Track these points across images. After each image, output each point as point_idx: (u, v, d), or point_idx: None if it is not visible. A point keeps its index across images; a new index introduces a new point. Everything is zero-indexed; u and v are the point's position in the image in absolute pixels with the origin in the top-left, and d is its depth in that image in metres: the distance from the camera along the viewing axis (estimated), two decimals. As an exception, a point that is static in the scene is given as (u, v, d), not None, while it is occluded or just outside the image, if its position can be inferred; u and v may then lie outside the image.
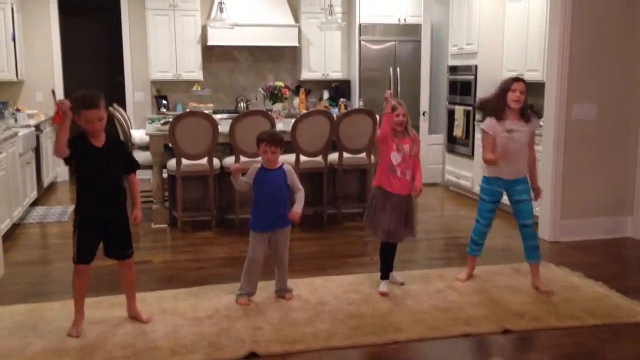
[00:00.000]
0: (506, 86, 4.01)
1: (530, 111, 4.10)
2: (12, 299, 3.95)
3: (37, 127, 6.96)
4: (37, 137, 6.90)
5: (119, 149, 3.48)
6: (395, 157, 3.95)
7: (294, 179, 3.85)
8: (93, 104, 3.22)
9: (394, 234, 3.99)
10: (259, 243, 3.84)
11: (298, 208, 3.81)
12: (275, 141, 3.77)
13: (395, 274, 4.19)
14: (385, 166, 3.99)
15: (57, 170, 8.12)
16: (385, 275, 4.10)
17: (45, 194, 7.29)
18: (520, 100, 3.96)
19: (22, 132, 6.12)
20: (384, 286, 4.05)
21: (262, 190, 3.79)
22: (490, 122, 4.03)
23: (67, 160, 3.33)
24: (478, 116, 6.99)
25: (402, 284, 4.14)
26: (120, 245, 3.48)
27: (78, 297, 3.42)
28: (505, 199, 4.17)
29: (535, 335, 3.48)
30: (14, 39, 7.21)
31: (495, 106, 4.01)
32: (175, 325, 3.51)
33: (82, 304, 3.44)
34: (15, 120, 6.71)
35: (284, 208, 3.84)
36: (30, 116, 7.10)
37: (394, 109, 3.93)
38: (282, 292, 3.96)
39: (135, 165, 3.55)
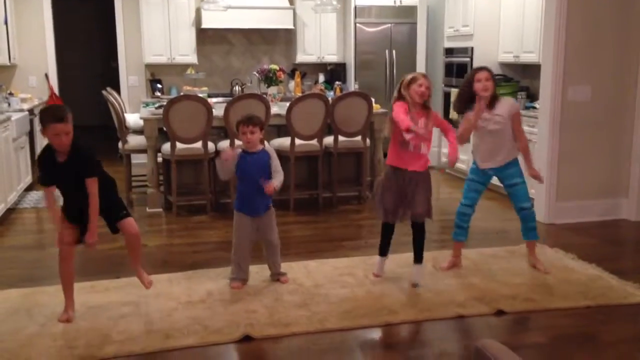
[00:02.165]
0: (470, 78, 3.92)
1: (497, 94, 3.97)
2: (7, 283, 3.95)
3: (31, 112, 6.91)
4: (31, 122, 6.85)
5: (80, 161, 3.28)
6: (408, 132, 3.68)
7: (277, 162, 3.82)
8: (61, 117, 3.14)
9: (394, 213, 3.85)
10: (244, 227, 3.82)
11: (275, 182, 3.76)
12: (252, 121, 3.74)
13: (416, 271, 3.93)
14: (396, 142, 3.77)
15: (52, 155, 8.09)
16: (383, 252, 4.04)
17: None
18: (488, 87, 3.86)
19: (15, 116, 6.09)
20: (377, 267, 4.03)
21: (246, 174, 3.75)
22: (467, 114, 3.99)
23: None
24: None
25: (415, 285, 3.86)
26: (114, 214, 3.44)
27: (65, 283, 3.40)
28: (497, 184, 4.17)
29: (528, 317, 3.50)
30: (6, 23, 7.14)
31: (467, 100, 3.96)
32: (169, 309, 3.51)
33: (70, 290, 3.42)
34: (9, 104, 6.66)
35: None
36: (24, 100, 7.06)
37: (415, 79, 3.67)
38: (277, 276, 3.96)
39: (92, 172, 3.30)
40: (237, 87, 8.23)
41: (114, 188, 3.52)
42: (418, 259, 3.95)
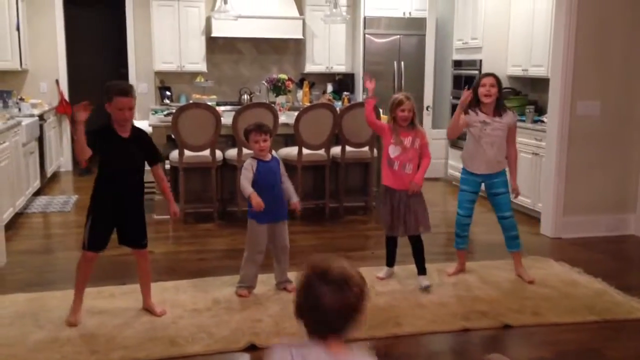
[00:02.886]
0: (477, 82, 4.10)
1: (505, 105, 4.16)
2: (14, 287, 3.97)
3: (41, 117, 6.96)
4: (41, 127, 6.90)
5: (144, 140, 3.48)
6: (393, 150, 3.97)
7: (284, 170, 3.93)
8: (127, 91, 3.28)
9: (392, 228, 4.03)
10: (262, 235, 3.84)
11: (296, 198, 3.91)
12: (264, 129, 3.80)
13: (422, 279, 4.06)
14: (384, 159, 4.02)
15: (61, 160, 8.14)
16: (388, 263, 4.20)
17: (48, 183, 7.30)
18: (490, 93, 4.00)
19: (25, 121, 6.13)
20: (382, 272, 4.19)
21: (263, 182, 3.78)
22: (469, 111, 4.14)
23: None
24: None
25: (425, 288, 3.98)
26: (136, 235, 3.50)
27: (80, 285, 3.44)
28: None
29: (535, 331, 3.48)
30: (18, 28, 7.20)
31: (473, 103, 4.09)
32: (175, 316, 3.53)
33: (82, 292, 3.45)
34: (19, 109, 6.71)
35: (283, 198, 3.88)
36: (34, 106, 7.10)
37: (400, 103, 3.90)
38: (284, 284, 3.97)
39: (159, 157, 3.60)
40: (245, 95, 8.27)
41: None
42: (421, 271, 4.08)
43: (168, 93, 8.31)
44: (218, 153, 5.75)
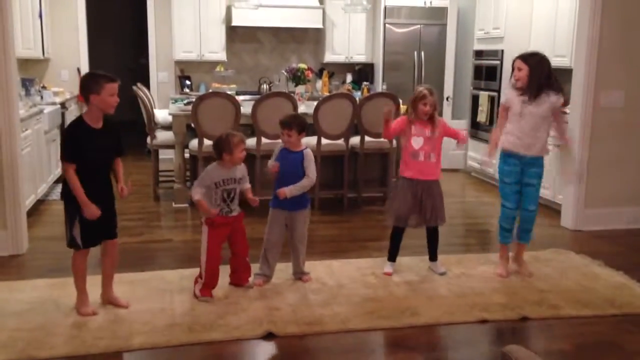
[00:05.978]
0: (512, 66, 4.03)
1: (547, 86, 3.92)
2: (35, 273, 4.03)
3: (63, 105, 7.03)
4: (63, 115, 6.96)
5: (115, 131, 3.39)
6: (417, 142, 3.96)
7: (309, 165, 3.84)
8: (114, 77, 3.21)
9: (403, 218, 4.01)
10: (277, 224, 3.86)
11: (290, 188, 3.76)
12: (287, 125, 3.82)
13: (438, 264, 4.16)
14: (407, 153, 3.99)
15: (82, 148, 8.20)
16: (391, 258, 4.17)
17: (69, 171, 7.37)
18: (518, 77, 3.89)
19: (47, 109, 6.19)
20: (389, 267, 4.13)
21: (282, 169, 3.84)
22: (507, 92, 4.09)
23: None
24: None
25: (442, 273, 4.09)
26: (110, 225, 3.44)
27: (81, 282, 3.43)
28: None
29: (553, 324, 3.45)
30: (40, 17, 7.26)
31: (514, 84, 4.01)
32: (193, 303, 3.55)
33: (85, 286, 3.44)
34: (41, 97, 6.77)
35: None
36: (56, 94, 7.17)
37: (423, 97, 3.89)
38: (299, 275, 3.98)
39: (123, 151, 3.49)
40: (265, 85, 8.27)
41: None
42: (434, 257, 4.17)
43: (188, 82, 8.34)
44: (237, 142, 5.75)
